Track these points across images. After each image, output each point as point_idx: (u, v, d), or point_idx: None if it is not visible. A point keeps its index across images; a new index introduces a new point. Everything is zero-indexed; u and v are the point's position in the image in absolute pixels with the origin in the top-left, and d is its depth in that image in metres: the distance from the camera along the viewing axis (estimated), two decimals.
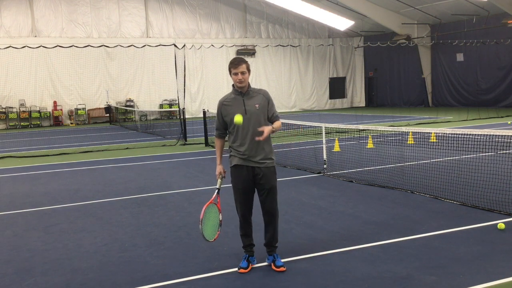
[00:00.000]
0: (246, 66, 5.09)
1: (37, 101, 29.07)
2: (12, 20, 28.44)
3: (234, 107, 5.09)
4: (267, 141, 5.17)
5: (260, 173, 5.11)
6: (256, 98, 5.15)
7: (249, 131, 5.07)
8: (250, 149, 5.07)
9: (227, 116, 5.14)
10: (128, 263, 5.60)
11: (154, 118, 31.52)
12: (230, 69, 5.12)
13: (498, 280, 4.69)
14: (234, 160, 5.19)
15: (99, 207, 8.34)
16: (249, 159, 5.09)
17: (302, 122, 12.91)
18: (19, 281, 5.20)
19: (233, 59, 5.18)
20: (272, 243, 5.29)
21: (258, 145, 5.09)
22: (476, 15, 27.94)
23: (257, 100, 5.13)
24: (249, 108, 5.08)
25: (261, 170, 5.12)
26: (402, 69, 34.77)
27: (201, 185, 9.79)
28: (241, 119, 4.97)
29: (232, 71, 5.08)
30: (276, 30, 35.52)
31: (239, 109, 5.06)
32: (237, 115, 4.98)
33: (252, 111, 5.08)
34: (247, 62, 5.15)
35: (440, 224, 6.52)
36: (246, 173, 5.11)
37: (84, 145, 17.98)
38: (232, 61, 5.13)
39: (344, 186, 9.22)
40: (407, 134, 14.87)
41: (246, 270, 5.15)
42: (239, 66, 5.04)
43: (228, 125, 5.18)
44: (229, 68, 5.12)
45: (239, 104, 5.10)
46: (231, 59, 5.23)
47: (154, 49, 30.36)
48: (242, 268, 5.16)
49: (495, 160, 10.03)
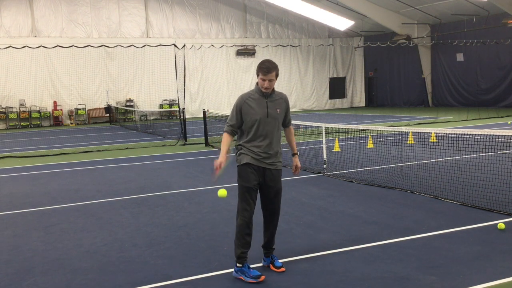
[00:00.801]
0: (276, 73, 5.01)
1: (37, 101, 29.07)
2: (12, 20, 28.44)
3: (256, 109, 5.01)
4: (279, 144, 5.20)
5: (270, 174, 5.12)
6: (278, 102, 5.13)
7: (268, 134, 5.05)
8: (265, 151, 5.06)
9: (247, 115, 5.01)
10: (128, 263, 5.60)
11: (154, 118, 31.53)
12: (258, 72, 5.03)
13: (498, 280, 4.69)
14: (245, 158, 5.07)
15: (99, 207, 8.34)
16: (263, 160, 5.07)
17: (302, 122, 12.90)
18: (19, 281, 5.20)
19: (263, 63, 5.03)
20: (272, 244, 5.29)
21: (273, 148, 5.09)
22: (476, 15, 27.94)
23: (279, 105, 5.13)
24: (271, 112, 5.06)
25: (271, 172, 5.13)
26: (402, 69, 34.77)
27: (201, 185, 9.79)
28: (225, 194, 5.31)
29: (260, 75, 4.99)
30: (276, 30, 35.52)
31: (262, 111, 5.01)
32: (222, 190, 5.30)
33: (273, 115, 5.07)
34: (277, 68, 5.04)
35: (440, 224, 6.52)
36: (257, 173, 5.07)
37: (84, 145, 17.98)
38: (262, 66, 4.99)
39: (344, 186, 9.22)
40: (407, 134, 14.87)
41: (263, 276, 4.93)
42: (268, 74, 4.95)
43: (244, 123, 5.06)
44: (258, 71, 5.03)
45: (262, 106, 5.03)
46: (262, 61, 5.06)
47: (154, 49, 30.36)
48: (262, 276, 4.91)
49: (495, 160, 10.03)
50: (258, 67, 5.04)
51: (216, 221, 7.11)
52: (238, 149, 5.15)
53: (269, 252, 5.29)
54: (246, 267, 4.98)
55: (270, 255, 5.27)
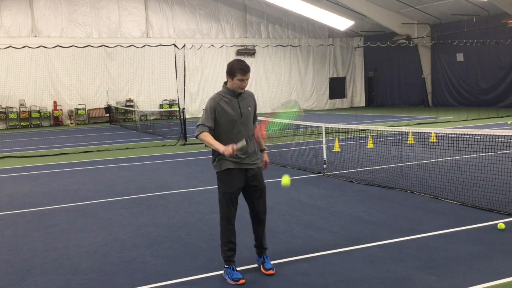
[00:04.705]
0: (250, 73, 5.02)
1: (37, 101, 29.06)
2: (12, 20, 28.43)
3: (230, 110, 4.94)
4: (254, 142, 5.12)
5: (253, 174, 5.06)
6: (247, 100, 5.09)
7: (243, 134, 4.97)
8: (244, 152, 4.96)
9: (221, 117, 4.92)
10: (128, 263, 5.60)
11: (154, 118, 31.52)
12: (235, 73, 4.89)
13: (498, 280, 4.69)
14: (225, 164, 4.96)
15: (99, 207, 8.34)
16: (243, 161, 4.99)
17: (302, 122, 12.90)
18: (19, 281, 5.20)
19: (241, 63, 4.95)
20: (263, 244, 5.22)
21: (250, 147, 5.00)
22: (476, 15, 27.94)
23: (248, 103, 5.08)
24: (244, 111, 5.02)
25: (254, 171, 5.06)
26: (402, 69, 34.77)
27: (201, 185, 9.79)
28: (288, 181, 5.17)
29: (238, 76, 4.89)
30: (276, 30, 35.51)
31: (235, 111, 4.95)
32: (285, 177, 5.14)
33: (246, 114, 5.03)
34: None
35: (440, 224, 6.51)
36: (239, 176, 4.99)
37: (84, 145, 17.97)
38: (240, 67, 4.91)
39: (344, 186, 9.22)
40: (407, 134, 14.86)
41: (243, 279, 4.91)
42: (247, 74, 4.91)
43: (218, 126, 4.95)
44: (235, 72, 4.89)
45: (235, 107, 4.97)
46: (236, 62, 4.98)
47: (154, 49, 30.36)
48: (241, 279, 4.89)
49: (495, 160, 10.02)
50: (235, 68, 4.91)
51: (216, 221, 7.02)
52: (216, 155, 5.02)
53: (261, 252, 5.23)
54: (231, 268, 4.98)
55: (262, 255, 5.22)
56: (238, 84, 4.93)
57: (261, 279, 4.98)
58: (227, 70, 5.00)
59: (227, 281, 4.92)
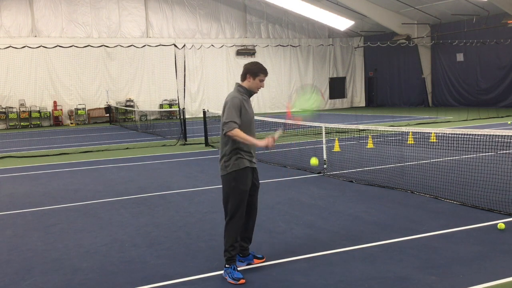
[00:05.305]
0: None
1: (37, 101, 29.06)
2: (12, 20, 28.42)
3: (249, 110, 5.14)
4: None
5: (256, 172, 5.33)
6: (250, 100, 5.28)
7: (254, 134, 5.21)
8: (254, 152, 5.23)
9: (244, 116, 5.03)
10: (128, 263, 5.60)
11: (154, 118, 31.53)
12: (258, 73, 5.08)
13: (498, 280, 4.69)
14: (243, 162, 5.04)
15: (99, 207, 8.34)
16: (253, 160, 5.22)
17: (302, 122, 12.90)
18: (19, 281, 5.20)
19: (261, 65, 5.16)
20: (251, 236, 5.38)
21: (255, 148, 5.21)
22: (476, 15, 27.94)
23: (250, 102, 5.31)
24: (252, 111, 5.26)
25: (256, 170, 5.33)
26: (402, 69, 34.76)
27: (201, 185, 9.79)
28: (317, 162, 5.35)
29: (261, 76, 5.10)
30: (276, 30, 35.51)
31: (251, 111, 5.18)
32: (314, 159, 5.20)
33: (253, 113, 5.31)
34: None
35: (440, 224, 6.52)
36: (250, 175, 5.18)
37: (84, 145, 17.97)
38: (262, 67, 5.14)
39: (344, 186, 9.22)
40: (407, 134, 14.87)
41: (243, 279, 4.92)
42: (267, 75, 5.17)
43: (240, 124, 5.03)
44: (258, 72, 5.08)
45: (251, 107, 5.21)
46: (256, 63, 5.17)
47: (154, 49, 30.36)
48: (242, 279, 4.90)
49: (495, 160, 10.03)
50: (258, 68, 5.12)
51: (216, 221, 7.10)
52: (234, 154, 5.04)
53: (247, 249, 5.32)
54: (232, 268, 5.01)
55: (248, 254, 5.34)
56: (259, 84, 5.15)
57: (261, 279, 4.98)
58: (247, 70, 5.12)
59: (227, 280, 4.93)
